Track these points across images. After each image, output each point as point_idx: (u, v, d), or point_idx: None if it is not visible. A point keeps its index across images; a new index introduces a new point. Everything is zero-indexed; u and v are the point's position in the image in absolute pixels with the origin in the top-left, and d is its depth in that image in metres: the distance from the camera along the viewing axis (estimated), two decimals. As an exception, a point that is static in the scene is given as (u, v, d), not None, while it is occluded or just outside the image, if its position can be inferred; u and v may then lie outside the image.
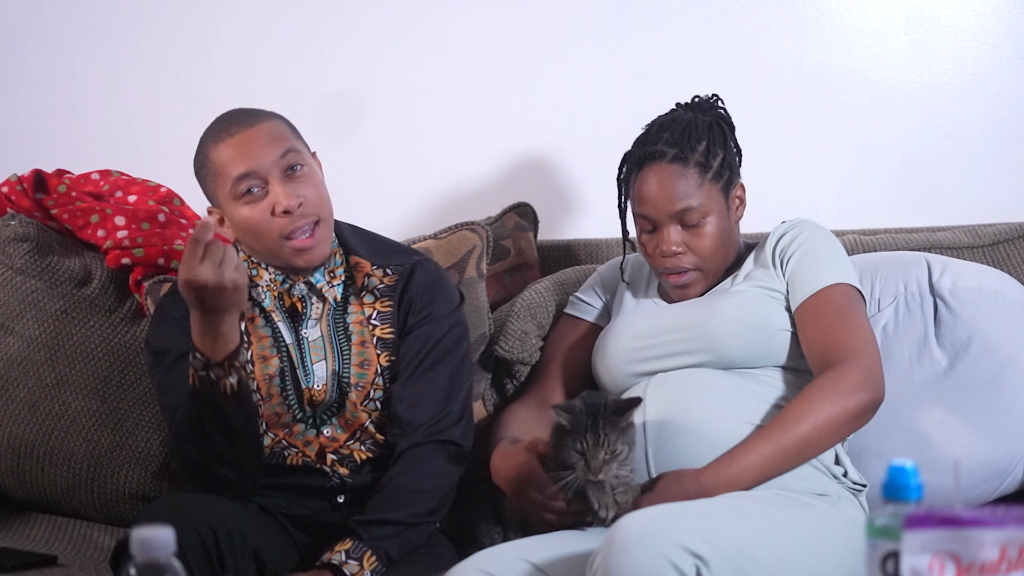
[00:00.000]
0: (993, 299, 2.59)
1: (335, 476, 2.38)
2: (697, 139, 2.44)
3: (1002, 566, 1.39)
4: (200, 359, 2.19)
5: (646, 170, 2.45)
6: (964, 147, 3.06)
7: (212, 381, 2.19)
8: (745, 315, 2.39)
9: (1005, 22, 3.06)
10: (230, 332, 2.19)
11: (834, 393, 2.28)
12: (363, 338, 2.41)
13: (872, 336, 2.38)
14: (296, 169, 2.34)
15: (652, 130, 2.49)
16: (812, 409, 2.28)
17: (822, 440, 2.29)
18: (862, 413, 2.31)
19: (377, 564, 2.23)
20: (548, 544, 2.22)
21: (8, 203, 2.82)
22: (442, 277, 2.50)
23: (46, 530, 2.67)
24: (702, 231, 2.43)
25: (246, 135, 2.34)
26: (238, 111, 2.41)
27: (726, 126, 2.50)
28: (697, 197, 2.42)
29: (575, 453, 2.20)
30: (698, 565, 1.99)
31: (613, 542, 2.00)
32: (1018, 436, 2.55)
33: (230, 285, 2.14)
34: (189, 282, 2.13)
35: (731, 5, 3.09)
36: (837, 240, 2.51)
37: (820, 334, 2.36)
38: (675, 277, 2.45)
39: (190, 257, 2.12)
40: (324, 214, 2.37)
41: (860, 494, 2.36)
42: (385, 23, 3.11)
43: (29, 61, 3.14)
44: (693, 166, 2.42)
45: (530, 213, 2.96)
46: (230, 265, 2.13)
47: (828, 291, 2.39)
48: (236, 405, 2.22)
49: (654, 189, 2.43)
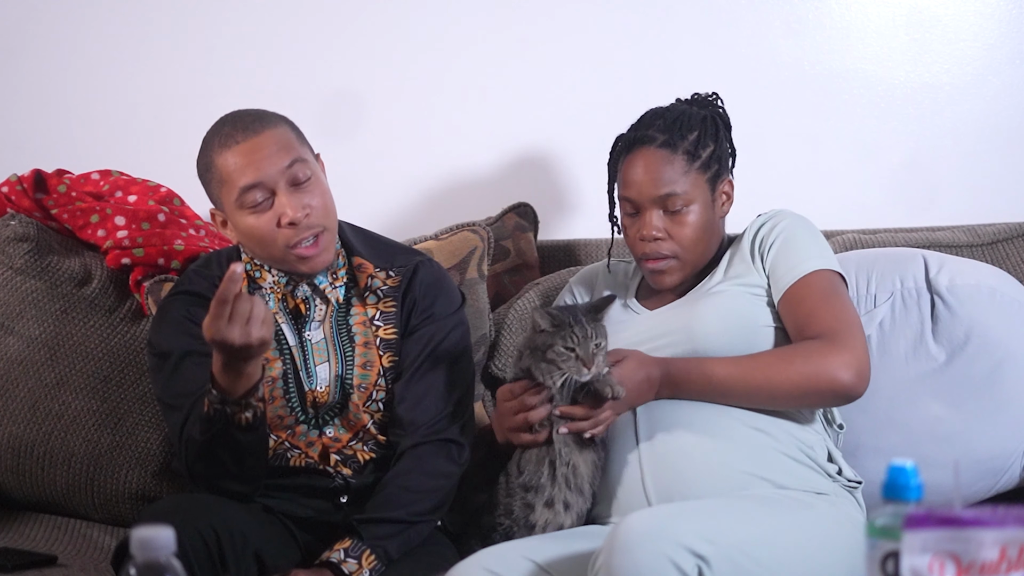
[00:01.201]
0: (991, 296, 2.59)
1: (338, 477, 2.38)
2: (689, 128, 2.45)
3: (1002, 566, 1.39)
4: (217, 395, 2.18)
5: (634, 153, 2.45)
6: (964, 147, 3.06)
7: (227, 415, 2.19)
8: (727, 315, 2.39)
9: (1005, 22, 3.06)
10: (253, 371, 2.19)
11: (819, 357, 2.29)
12: (366, 339, 2.41)
13: (858, 321, 2.37)
14: (302, 178, 2.33)
15: (646, 116, 2.50)
16: (792, 361, 2.30)
17: (787, 395, 2.30)
18: (838, 391, 2.30)
19: (376, 563, 2.23)
20: (551, 543, 2.23)
21: (8, 203, 2.82)
22: (444, 278, 2.50)
23: (46, 530, 2.67)
24: (684, 219, 2.43)
25: (253, 143, 2.32)
26: (244, 114, 2.38)
27: (721, 122, 2.50)
28: (682, 184, 2.42)
29: (564, 350, 2.24)
30: (700, 565, 1.99)
31: (615, 542, 2.00)
32: (1015, 433, 2.55)
33: (257, 343, 2.13)
34: (216, 342, 2.12)
35: (731, 5, 3.09)
36: (815, 227, 2.50)
37: (804, 316, 2.35)
38: (652, 263, 2.44)
39: (217, 317, 2.10)
40: (329, 223, 2.36)
41: (856, 491, 2.36)
42: (386, 24, 3.10)
43: (29, 61, 3.14)
44: (681, 153, 2.43)
45: (530, 213, 2.96)
46: (257, 322, 2.11)
47: (811, 277, 2.38)
48: (250, 434, 2.22)
49: (640, 172, 2.43)
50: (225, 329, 2.10)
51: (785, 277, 2.39)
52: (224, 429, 2.20)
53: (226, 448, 2.22)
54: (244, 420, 2.20)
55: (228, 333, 2.10)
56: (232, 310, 2.10)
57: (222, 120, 2.38)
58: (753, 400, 2.32)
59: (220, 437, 2.21)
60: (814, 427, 2.38)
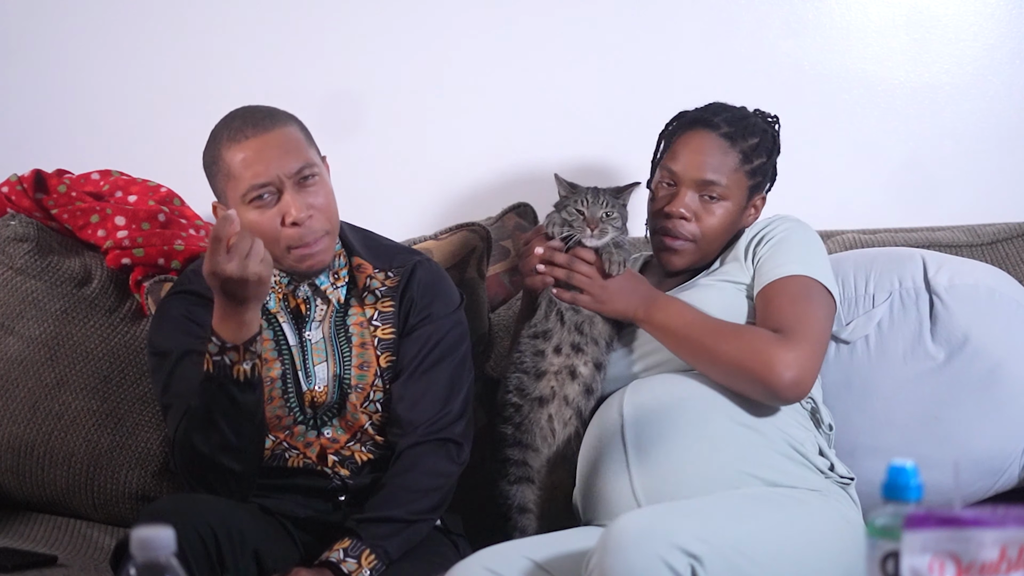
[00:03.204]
0: (989, 296, 2.59)
1: (336, 477, 2.39)
2: (751, 133, 2.50)
3: (1002, 566, 1.39)
4: (217, 343, 2.20)
5: (695, 131, 2.49)
6: (964, 147, 3.06)
7: (226, 366, 2.20)
8: (712, 309, 2.40)
9: (1005, 22, 3.06)
10: (252, 320, 2.21)
11: (764, 345, 2.29)
12: (363, 340, 2.41)
13: (821, 330, 2.36)
14: (309, 180, 2.33)
15: (714, 105, 2.55)
16: (742, 337, 2.31)
17: (723, 368, 2.31)
18: (769, 384, 2.29)
19: (376, 562, 2.23)
20: (551, 543, 2.23)
21: (8, 203, 2.82)
22: (442, 277, 2.50)
23: (46, 530, 2.67)
24: (715, 210, 2.47)
25: (263, 140, 2.32)
26: (255, 109, 2.37)
27: (776, 144, 2.54)
28: (728, 178, 2.47)
29: (575, 211, 2.42)
30: (693, 564, 1.99)
31: (608, 543, 2.01)
32: (1013, 433, 2.55)
33: (253, 278, 2.15)
34: (214, 273, 2.14)
35: (731, 5, 3.09)
36: (817, 239, 2.51)
37: (769, 313, 2.36)
38: (671, 239, 2.47)
39: (214, 252, 2.13)
40: (332, 226, 2.37)
41: (849, 487, 2.36)
42: (386, 24, 3.10)
43: (29, 61, 3.14)
44: (738, 151, 2.47)
45: (530, 213, 2.96)
46: (256, 258, 2.14)
47: (789, 279, 2.39)
48: (247, 392, 2.23)
49: (693, 150, 2.47)
50: (223, 261, 2.12)
51: (766, 276, 2.41)
52: (222, 388, 2.21)
53: (224, 414, 2.22)
54: (243, 374, 2.21)
55: (225, 265, 2.12)
56: (233, 245, 2.13)
57: (232, 114, 2.38)
58: (696, 360, 2.34)
59: (219, 397, 2.21)
60: (803, 424, 2.38)
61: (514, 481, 2.44)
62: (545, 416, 2.45)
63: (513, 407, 2.46)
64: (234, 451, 2.26)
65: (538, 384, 2.45)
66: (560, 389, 2.44)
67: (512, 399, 2.46)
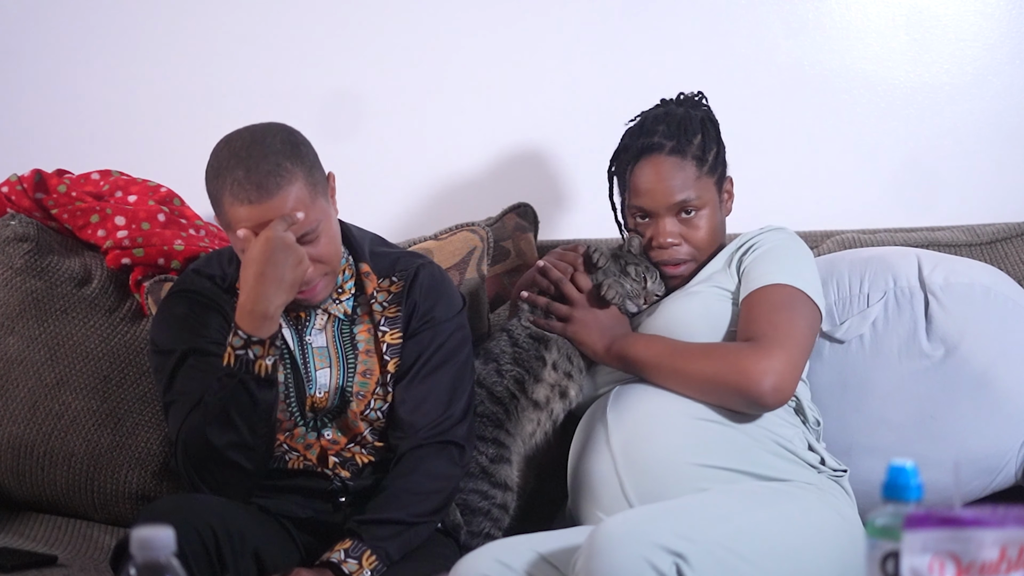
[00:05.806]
0: (985, 295, 2.59)
1: (337, 479, 2.38)
2: (693, 132, 2.47)
3: (1002, 566, 1.39)
4: (242, 336, 2.21)
5: (644, 162, 2.46)
6: (964, 147, 3.06)
7: (249, 360, 2.21)
8: (698, 315, 2.41)
9: (1005, 22, 3.06)
10: (276, 315, 2.22)
11: (736, 357, 2.29)
12: (369, 347, 2.41)
13: (801, 339, 2.35)
14: (311, 236, 2.27)
15: (647, 122, 2.51)
16: (711, 356, 2.32)
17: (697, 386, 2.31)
18: (746, 394, 2.29)
19: (377, 563, 2.23)
20: (559, 538, 2.24)
21: (8, 203, 2.82)
22: (445, 281, 2.49)
23: (46, 530, 2.67)
24: (698, 223, 2.46)
25: (266, 209, 2.22)
26: (258, 160, 2.22)
27: (714, 122, 2.52)
28: (695, 189, 2.45)
29: (637, 280, 2.47)
30: (678, 563, 2.00)
31: (592, 545, 2.02)
32: (1010, 432, 2.55)
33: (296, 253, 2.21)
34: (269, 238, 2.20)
35: (731, 5, 3.09)
36: (806, 251, 2.50)
37: (749, 321, 2.36)
38: (671, 268, 2.48)
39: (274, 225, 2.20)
40: (333, 267, 2.34)
41: (842, 478, 2.36)
42: (385, 24, 3.11)
43: (29, 61, 3.14)
44: (691, 159, 2.45)
45: (530, 214, 2.96)
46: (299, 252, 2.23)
47: (771, 288, 2.38)
48: (266, 389, 2.23)
49: (652, 180, 2.45)
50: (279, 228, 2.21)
51: (751, 284, 2.40)
52: (243, 384, 2.21)
53: (241, 411, 2.23)
54: (264, 369, 2.22)
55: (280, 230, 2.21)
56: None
57: (233, 156, 2.24)
58: (671, 384, 2.34)
59: (237, 396, 2.22)
60: (789, 421, 2.37)
61: (494, 460, 2.45)
62: (536, 420, 2.48)
63: (510, 395, 2.47)
64: (247, 449, 2.26)
65: (537, 388, 2.48)
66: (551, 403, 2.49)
67: (511, 388, 2.47)
